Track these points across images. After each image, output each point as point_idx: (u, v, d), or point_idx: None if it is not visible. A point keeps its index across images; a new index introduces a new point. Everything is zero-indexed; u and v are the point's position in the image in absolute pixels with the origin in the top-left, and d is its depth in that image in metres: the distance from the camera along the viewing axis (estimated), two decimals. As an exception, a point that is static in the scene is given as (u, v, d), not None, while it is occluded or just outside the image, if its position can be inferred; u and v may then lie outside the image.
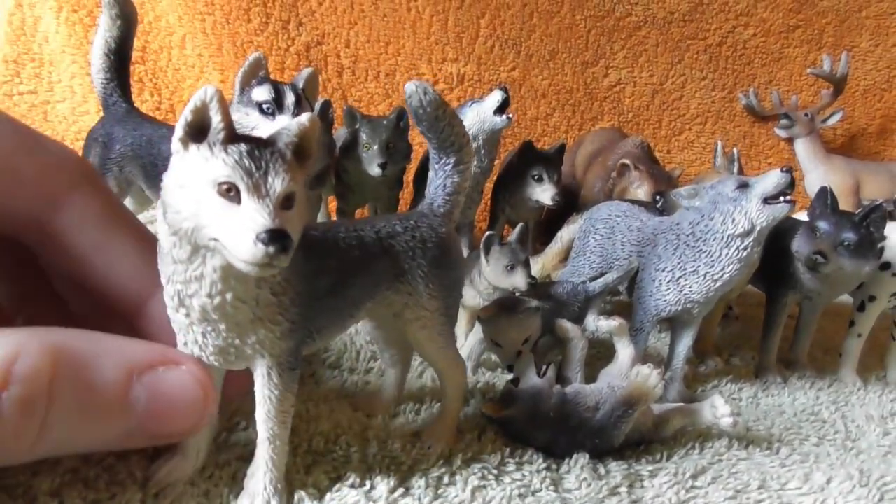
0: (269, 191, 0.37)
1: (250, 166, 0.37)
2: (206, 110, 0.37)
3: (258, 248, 0.35)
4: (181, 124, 0.37)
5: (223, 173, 0.36)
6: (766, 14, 2.10)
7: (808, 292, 0.95)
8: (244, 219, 0.35)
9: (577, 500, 0.57)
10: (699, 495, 0.60)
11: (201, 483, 0.49)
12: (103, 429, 0.38)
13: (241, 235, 0.35)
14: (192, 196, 0.36)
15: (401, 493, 0.52)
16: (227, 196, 0.36)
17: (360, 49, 1.81)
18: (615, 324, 0.75)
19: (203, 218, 0.36)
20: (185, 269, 0.39)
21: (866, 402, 0.91)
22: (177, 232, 0.37)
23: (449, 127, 0.57)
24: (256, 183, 0.36)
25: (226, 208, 0.36)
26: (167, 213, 0.37)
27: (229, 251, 0.36)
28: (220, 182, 0.36)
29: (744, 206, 0.74)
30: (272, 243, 0.35)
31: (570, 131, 1.97)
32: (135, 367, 0.38)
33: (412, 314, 0.55)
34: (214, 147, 0.37)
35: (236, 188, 0.36)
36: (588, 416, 0.65)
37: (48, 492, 0.46)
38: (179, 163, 0.37)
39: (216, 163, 0.36)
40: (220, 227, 0.36)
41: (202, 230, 0.36)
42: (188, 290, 0.40)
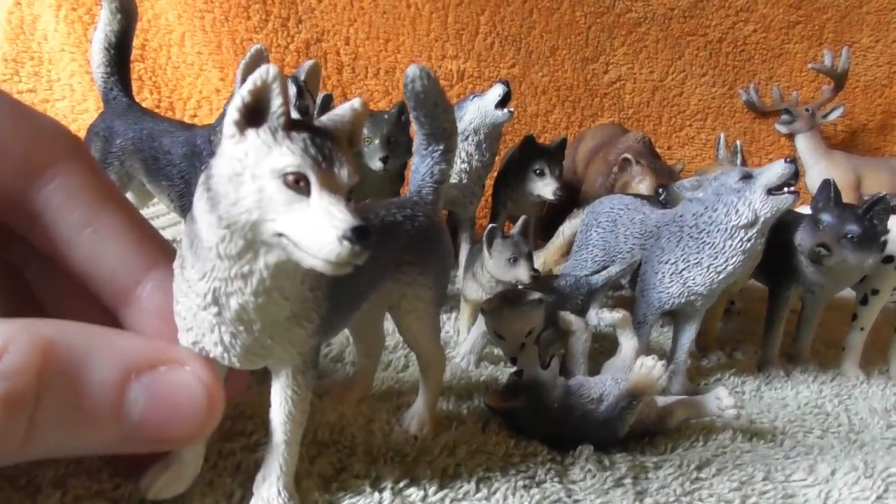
0: (339, 183, 0.34)
1: (317, 156, 0.33)
2: (268, 91, 0.33)
3: (344, 247, 0.32)
4: (237, 106, 0.33)
5: (292, 162, 0.33)
6: (766, 10, 2.10)
7: (811, 286, 0.95)
8: (324, 214, 0.32)
9: (583, 491, 0.56)
10: (704, 486, 0.60)
11: (205, 473, 0.48)
12: (96, 433, 0.34)
13: (324, 233, 0.32)
14: (253, 187, 0.33)
15: (406, 484, 0.52)
16: (295, 188, 0.33)
17: (359, 46, 1.81)
18: (618, 316, 0.75)
19: (268, 211, 0.33)
20: (232, 265, 0.36)
21: (869, 396, 0.91)
22: (231, 225, 0.34)
23: (444, 114, 0.57)
24: (326, 174, 0.33)
25: (295, 201, 0.33)
26: (220, 204, 0.34)
27: (305, 249, 0.33)
28: (288, 173, 0.33)
29: (747, 197, 0.74)
30: (359, 241, 0.32)
31: (570, 128, 1.97)
32: (133, 365, 0.35)
33: (409, 305, 0.55)
34: (277, 133, 0.33)
35: (306, 179, 0.33)
36: (592, 407, 0.65)
37: (51, 482, 0.45)
38: (234, 149, 0.34)
39: (282, 150, 0.33)
40: (292, 223, 0.33)
41: (265, 224, 0.33)
42: (229, 287, 0.36)
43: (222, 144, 0.34)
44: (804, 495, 0.60)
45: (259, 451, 0.52)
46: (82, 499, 0.45)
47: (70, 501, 0.45)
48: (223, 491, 0.48)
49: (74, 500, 0.45)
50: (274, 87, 0.33)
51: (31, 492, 0.44)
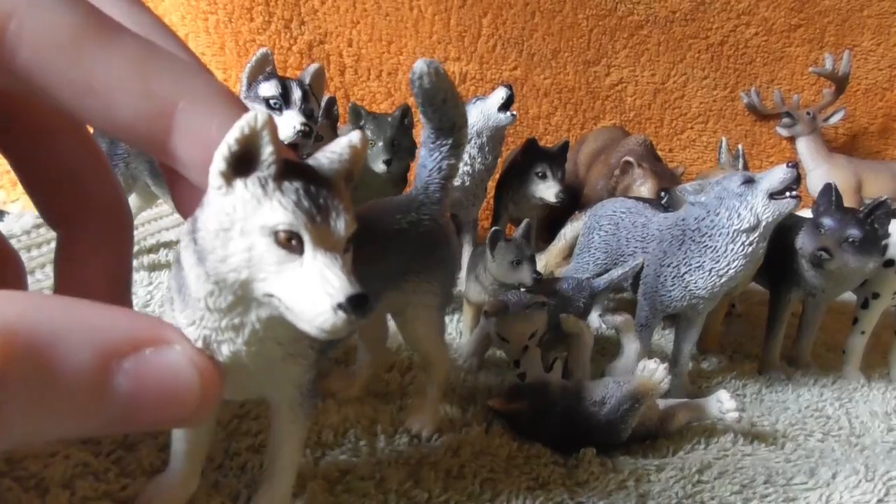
0: (335, 239, 0.31)
1: (311, 209, 0.30)
2: (257, 139, 0.30)
3: (339, 317, 0.29)
4: (223, 155, 0.30)
5: (283, 220, 0.30)
6: (767, 13, 2.10)
7: (812, 289, 0.95)
8: (318, 279, 0.30)
9: (586, 493, 0.57)
10: (706, 490, 0.60)
11: (210, 473, 0.49)
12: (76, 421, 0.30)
13: (317, 301, 0.29)
14: (242, 244, 0.30)
15: (410, 486, 0.52)
16: (287, 246, 0.30)
17: (362, 48, 1.81)
18: (621, 319, 0.75)
19: (258, 271, 0.30)
20: (222, 317, 0.33)
21: (870, 399, 0.92)
22: (219, 282, 0.32)
23: (454, 108, 0.55)
24: (321, 231, 0.31)
25: (286, 261, 0.30)
26: (207, 259, 0.32)
27: (297, 315, 0.30)
28: (280, 231, 0.30)
29: (749, 201, 0.74)
30: (355, 311, 0.29)
31: (571, 130, 1.97)
32: (114, 349, 0.30)
33: (414, 313, 0.54)
34: (267, 184, 0.30)
35: (299, 237, 0.30)
36: (594, 410, 0.65)
37: (59, 483, 0.46)
38: (221, 202, 0.31)
39: (272, 205, 0.30)
40: (284, 285, 0.30)
41: (255, 284, 0.31)
42: (220, 336, 0.34)
43: (208, 195, 0.32)
44: (805, 499, 0.61)
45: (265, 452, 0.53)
46: (90, 500, 0.45)
47: (78, 502, 0.45)
48: (229, 491, 0.48)
49: (82, 501, 0.45)
50: (263, 134, 0.30)
51: (40, 492, 0.45)
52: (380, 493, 0.51)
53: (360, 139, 0.34)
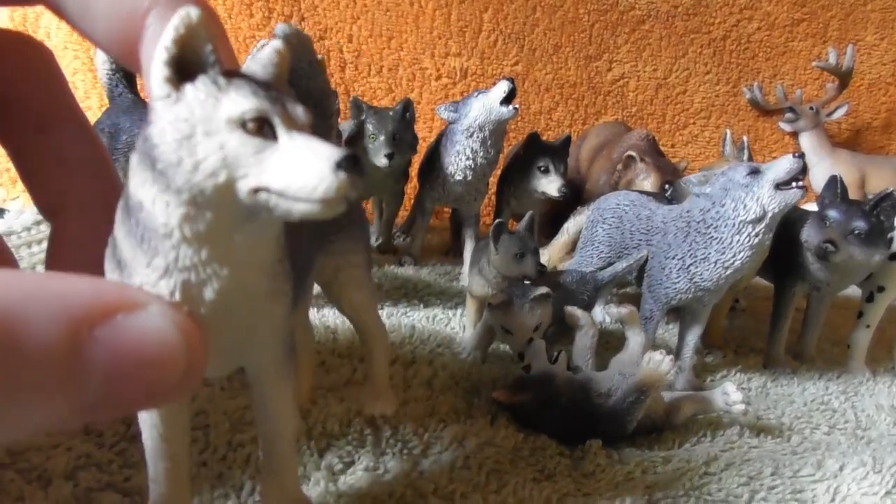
0: (300, 123, 0.30)
1: (269, 95, 0.29)
2: (195, 38, 0.29)
3: (340, 178, 0.28)
4: (163, 60, 0.29)
5: (250, 107, 0.29)
6: (770, 7, 2.09)
7: (817, 283, 0.95)
8: (306, 151, 0.28)
9: (592, 485, 0.57)
10: (713, 482, 0.60)
11: (215, 465, 0.48)
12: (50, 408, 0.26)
13: (314, 169, 0.28)
14: (212, 144, 0.28)
15: (415, 477, 0.52)
16: (260, 134, 0.29)
17: (362, 44, 1.81)
18: (626, 311, 0.74)
19: (237, 167, 0.28)
20: (201, 247, 0.30)
21: (876, 393, 0.91)
22: (196, 197, 0.29)
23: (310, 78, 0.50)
24: (288, 114, 0.30)
25: (263, 148, 0.29)
26: (175, 176, 0.29)
27: (294, 194, 0.28)
28: (249, 119, 0.29)
29: (755, 192, 0.74)
30: (355, 169, 0.28)
31: (573, 125, 1.97)
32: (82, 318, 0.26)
33: (346, 275, 0.52)
34: (219, 80, 0.29)
35: (269, 123, 0.29)
36: (600, 402, 0.65)
37: (62, 474, 0.46)
38: (174, 110, 0.29)
39: (232, 97, 0.29)
40: (270, 172, 0.28)
41: (237, 183, 0.29)
42: (201, 274, 0.31)
43: (155, 109, 0.29)
44: (812, 490, 0.60)
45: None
46: (93, 490, 0.45)
47: (81, 493, 0.45)
48: (233, 483, 0.48)
49: (86, 492, 0.45)
50: (201, 31, 0.29)
51: (43, 484, 0.44)
52: (385, 484, 0.50)
53: (283, 46, 0.33)
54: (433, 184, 1.17)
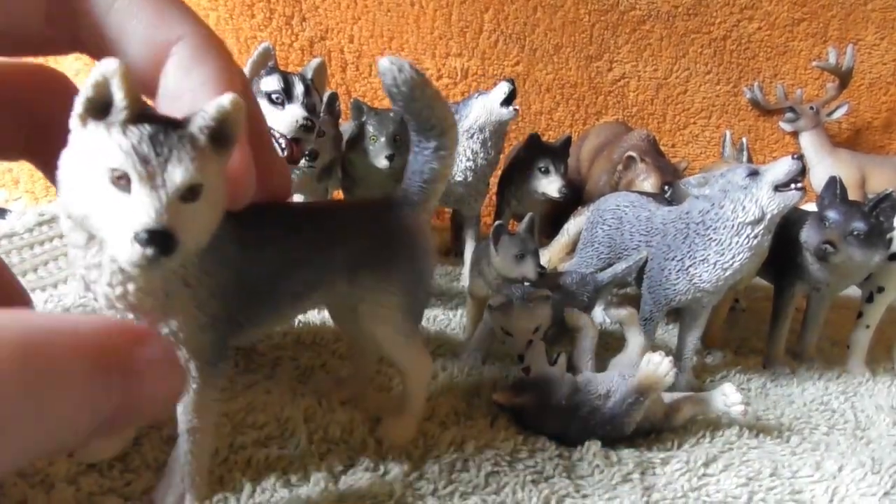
0: (164, 181, 0.33)
1: (148, 153, 0.33)
2: (107, 86, 0.32)
3: (135, 249, 0.31)
4: (80, 100, 0.33)
5: (116, 160, 0.32)
6: (770, 7, 2.09)
7: (817, 283, 0.95)
8: (127, 214, 0.32)
9: (590, 486, 0.57)
10: (711, 482, 0.60)
11: (216, 468, 0.49)
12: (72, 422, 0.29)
13: (120, 233, 0.32)
14: (85, 180, 0.33)
15: (415, 478, 0.52)
16: (118, 185, 0.32)
17: (363, 44, 1.81)
18: (625, 312, 0.75)
19: (92, 206, 0.33)
20: (84, 255, 0.36)
21: (875, 393, 0.91)
22: (70, 216, 0.34)
23: (428, 109, 0.50)
24: (151, 172, 0.32)
25: (115, 198, 0.32)
26: (61, 193, 0.34)
27: (111, 247, 0.33)
28: (112, 168, 0.32)
29: (754, 193, 0.74)
30: (150, 245, 0.31)
31: (574, 125, 1.97)
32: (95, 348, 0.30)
33: (368, 309, 0.51)
34: (112, 128, 0.33)
35: (127, 177, 0.32)
36: (599, 403, 0.65)
37: (64, 479, 0.46)
38: (76, 142, 0.33)
39: (111, 146, 0.32)
40: (105, 218, 0.32)
41: (90, 219, 0.33)
42: (90, 276, 0.37)
43: (70, 136, 0.34)
44: (811, 491, 0.60)
45: (271, 446, 0.53)
46: (95, 495, 0.45)
47: (83, 498, 0.45)
48: (233, 486, 0.48)
49: (87, 497, 0.45)
50: (114, 81, 0.32)
51: (45, 488, 0.45)
52: (385, 486, 0.50)
53: (232, 101, 0.35)
54: (433, 185, 1.17)
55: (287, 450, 0.53)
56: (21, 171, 1.55)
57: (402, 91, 0.49)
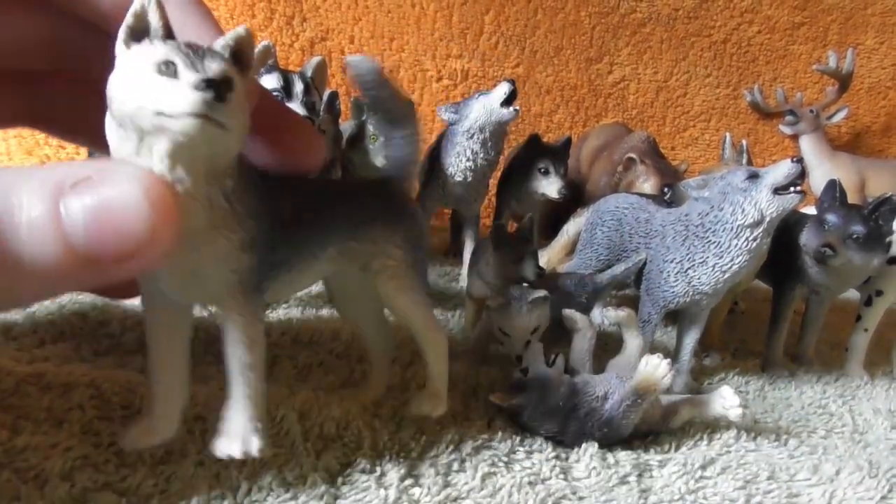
0: (205, 67, 0.38)
1: (187, 51, 0.39)
2: (145, 14, 0.39)
3: (195, 95, 0.36)
4: (123, 28, 0.39)
5: (162, 52, 0.38)
6: (771, 11, 2.09)
7: (816, 286, 0.95)
8: (184, 80, 0.37)
9: (587, 488, 0.57)
10: (708, 485, 0.60)
11: (212, 465, 0.49)
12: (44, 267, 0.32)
13: (178, 90, 0.37)
14: (135, 83, 0.37)
15: (411, 482, 0.52)
16: (166, 73, 0.37)
17: (364, 45, 1.81)
18: (623, 314, 0.75)
19: (144, 97, 0.37)
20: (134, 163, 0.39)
21: (873, 396, 0.91)
22: (121, 122, 0.38)
23: (392, 99, 0.56)
24: (193, 61, 0.38)
25: (165, 82, 0.37)
26: (112, 107, 0.38)
27: (170, 111, 0.36)
28: (159, 62, 0.37)
29: (754, 196, 0.74)
30: (208, 89, 0.36)
31: (574, 128, 1.97)
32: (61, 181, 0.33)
33: (379, 264, 0.54)
34: (154, 40, 0.39)
35: (174, 64, 0.37)
36: (597, 405, 0.65)
37: (59, 475, 0.46)
38: (123, 62, 0.39)
39: (156, 48, 0.38)
40: (161, 95, 0.37)
41: (145, 108, 0.37)
42: None
43: (116, 61, 0.39)
44: (808, 494, 0.60)
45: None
46: (90, 491, 0.45)
47: (78, 493, 0.45)
48: (230, 483, 0.48)
49: (82, 492, 0.45)
50: (150, 9, 0.39)
51: (39, 484, 0.45)
52: (381, 487, 0.50)
53: (247, 30, 0.41)
54: (433, 185, 1.17)
55: (283, 448, 0.53)
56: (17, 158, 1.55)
57: (369, 80, 0.54)
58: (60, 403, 0.54)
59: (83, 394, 0.55)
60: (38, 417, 0.52)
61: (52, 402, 0.54)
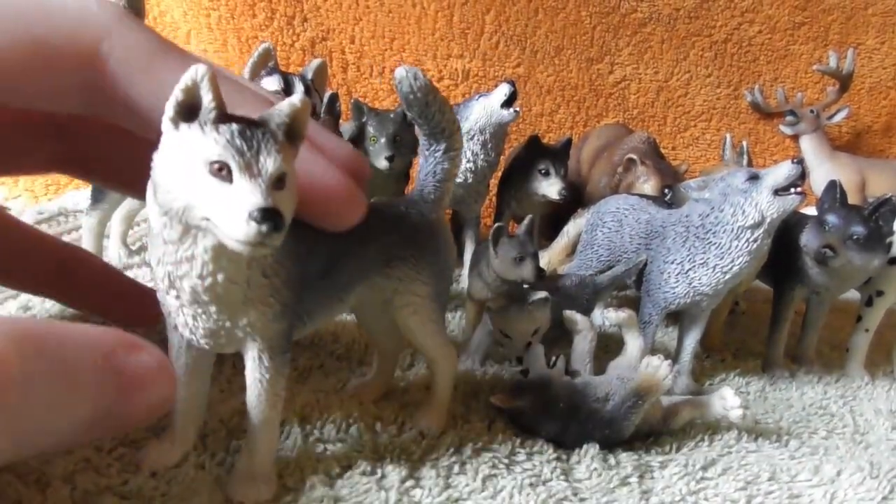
0: (260, 170, 0.37)
1: (242, 146, 0.37)
2: (197, 90, 0.36)
3: (251, 227, 0.35)
4: (171, 104, 0.37)
5: (215, 152, 0.36)
6: (771, 11, 2.09)
7: (816, 287, 0.95)
8: (237, 197, 0.35)
9: (588, 489, 0.57)
10: (709, 486, 0.60)
11: (213, 469, 0.49)
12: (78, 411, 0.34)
13: (234, 214, 0.35)
14: (184, 176, 0.36)
15: (412, 484, 0.52)
16: (218, 175, 0.36)
17: (364, 45, 1.81)
18: (624, 315, 0.75)
19: (194, 197, 0.36)
20: (176, 249, 0.39)
21: (874, 397, 0.91)
22: (167, 212, 0.38)
23: (440, 114, 0.55)
24: (248, 162, 0.36)
25: (218, 188, 0.36)
26: (158, 193, 0.38)
27: (221, 230, 0.36)
28: (212, 161, 0.36)
29: (754, 197, 0.74)
30: (265, 221, 0.35)
31: (574, 128, 1.97)
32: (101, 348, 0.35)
33: (402, 300, 0.55)
34: (206, 126, 0.37)
35: (228, 167, 0.36)
36: (598, 406, 0.65)
37: (60, 478, 0.46)
38: (170, 143, 0.37)
39: (208, 142, 0.36)
40: (212, 206, 0.36)
41: (193, 210, 0.36)
42: (179, 271, 0.40)
43: (162, 139, 0.38)
44: (809, 495, 0.60)
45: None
46: (91, 494, 0.45)
47: (79, 497, 0.45)
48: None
49: (83, 496, 0.45)
50: (203, 85, 0.36)
51: (41, 487, 0.45)
52: (381, 489, 0.50)
53: (302, 100, 0.39)
54: (433, 186, 1.17)
55: (283, 451, 0.53)
56: (21, 170, 1.55)
57: (418, 97, 0.53)
58: (62, 406, 0.54)
59: (84, 396, 0.55)
60: (40, 420, 0.52)
61: (53, 404, 0.54)
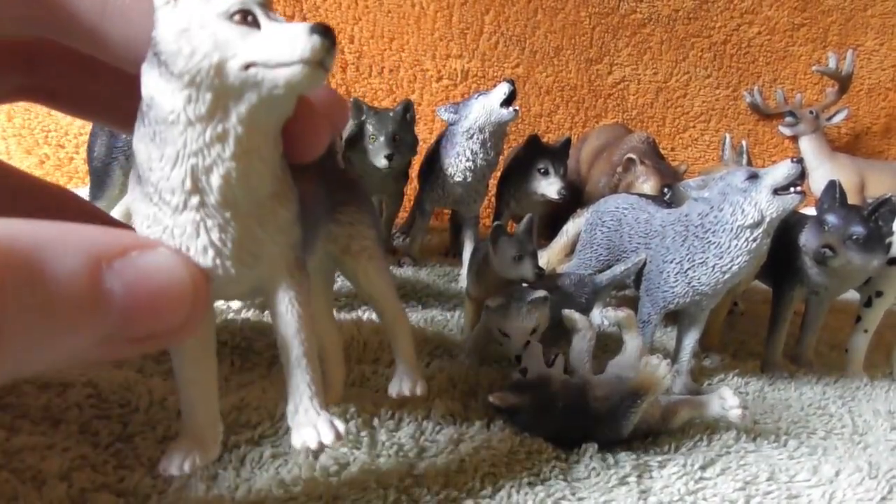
0: (279, 18, 0.35)
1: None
2: None
3: (314, 39, 0.33)
4: None
5: (235, 2, 0.34)
6: (771, 12, 2.09)
7: (815, 287, 0.95)
8: (284, 28, 0.33)
9: (586, 488, 0.56)
10: (708, 486, 0.60)
11: (209, 466, 0.48)
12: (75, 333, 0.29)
13: (292, 35, 0.33)
14: (205, 33, 0.33)
15: (411, 482, 0.52)
16: (245, 23, 0.34)
17: (364, 45, 1.81)
18: (623, 314, 0.74)
19: (227, 48, 0.33)
20: (205, 128, 0.35)
21: (873, 398, 0.91)
22: (194, 77, 0.34)
23: None
24: (266, 7, 0.35)
25: (248, 34, 0.34)
26: (176, 63, 0.34)
27: (278, 59, 0.33)
28: (234, 12, 0.34)
29: (753, 196, 0.74)
30: (327, 34, 0.33)
31: (573, 128, 1.97)
32: (101, 253, 0.30)
33: (358, 245, 0.54)
34: None
35: (252, 14, 0.34)
36: (597, 406, 0.65)
37: (57, 475, 0.45)
38: (172, 13, 0.34)
39: None
40: (256, 46, 0.33)
41: (228, 62, 0.33)
42: (206, 158, 0.35)
43: (157, 15, 0.34)
44: (808, 495, 0.60)
45: (264, 444, 0.53)
46: (88, 491, 0.45)
47: (76, 494, 0.45)
48: (227, 485, 0.48)
49: (80, 493, 0.45)
50: None
51: (37, 484, 0.44)
52: (379, 487, 0.50)
53: None
54: (433, 185, 1.17)
55: (281, 448, 0.53)
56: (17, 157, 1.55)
57: None
58: (58, 402, 0.54)
59: (80, 393, 0.55)
60: (36, 416, 0.52)
61: (49, 400, 0.54)
